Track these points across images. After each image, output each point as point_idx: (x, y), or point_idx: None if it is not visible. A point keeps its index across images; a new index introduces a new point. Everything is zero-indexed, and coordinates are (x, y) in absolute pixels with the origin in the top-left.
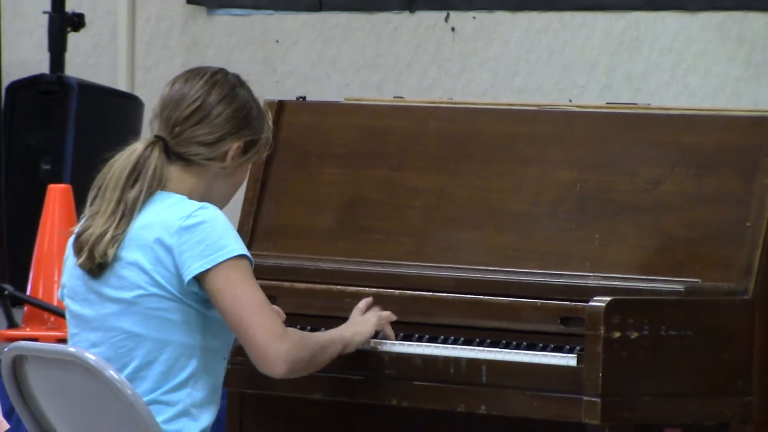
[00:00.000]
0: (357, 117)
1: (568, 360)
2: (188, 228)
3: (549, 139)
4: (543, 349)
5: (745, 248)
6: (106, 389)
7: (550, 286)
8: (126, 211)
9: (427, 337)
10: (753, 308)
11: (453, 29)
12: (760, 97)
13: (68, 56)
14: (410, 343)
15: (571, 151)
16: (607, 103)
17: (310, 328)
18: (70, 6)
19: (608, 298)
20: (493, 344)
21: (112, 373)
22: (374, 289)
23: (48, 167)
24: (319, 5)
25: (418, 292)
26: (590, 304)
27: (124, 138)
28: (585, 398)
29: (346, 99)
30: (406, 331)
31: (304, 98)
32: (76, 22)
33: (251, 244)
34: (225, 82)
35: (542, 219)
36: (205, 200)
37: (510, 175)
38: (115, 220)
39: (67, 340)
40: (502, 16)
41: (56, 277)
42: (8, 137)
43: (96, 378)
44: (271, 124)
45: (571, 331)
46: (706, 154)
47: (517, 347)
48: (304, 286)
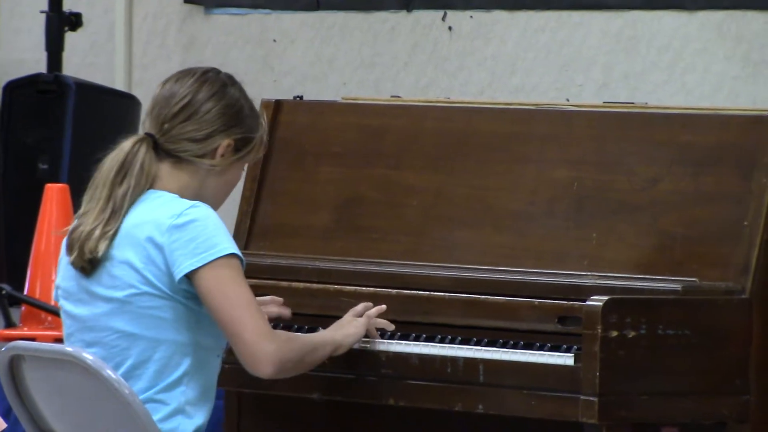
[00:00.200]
0: (354, 116)
1: (566, 359)
2: (179, 226)
3: (546, 138)
4: (540, 349)
5: (743, 247)
6: (104, 389)
7: (548, 286)
8: (115, 208)
9: (424, 336)
10: (750, 307)
11: (450, 28)
12: (758, 96)
13: (66, 55)
14: (407, 342)
15: (569, 150)
16: (604, 102)
17: (307, 327)
18: (68, 5)
19: (605, 297)
20: (491, 343)
21: (110, 372)
22: (371, 289)
23: (45, 166)
24: (316, 4)
25: (415, 292)
26: (587, 303)
27: (122, 137)
28: (582, 397)
29: (343, 98)
30: (403, 331)
31: (301, 97)
32: (74, 22)
33: (248, 243)
34: (215, 80)
35: (539, 218)
36: (197, 199)
37: (507, 174)
38: (105, 218)
39: (63, 341)
40: (499, 15)
41: (53, 277)
42: (5, 136)
43: (93, 377)
44: (265, 123)
45: (569, 331)
46: (704, 153)
47: (514, 346)
48: (302, 285)
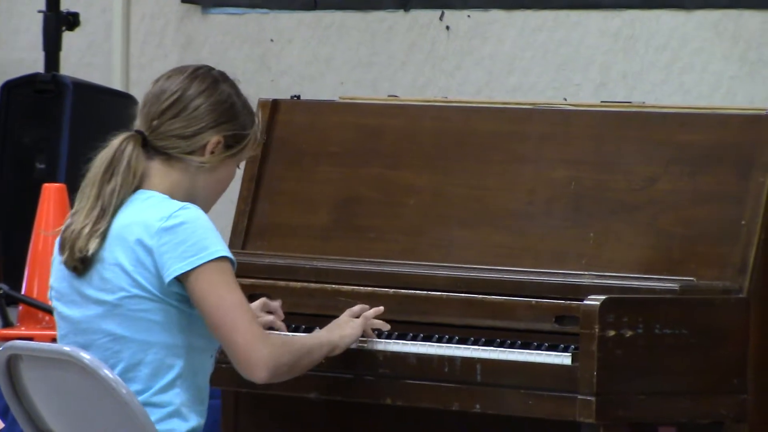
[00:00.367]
0: (352, 116)
1: (563, 359)
2: (168, 229)
3: (544, 137)
4: (538, 348)
5: (740, 246)
6: (101, 388)
7: (545, 285)
8: (104, 206)
9: (422, 335)
10: (748, 306)
11: (448, 28)
12: (756, 96)
13: (63, 55)
14: (405, 342)
15: (566, 149)
16: (602, 102)
17: (305, 327)
18: (65, 5)
19: (603, 297)
20: (488, 343)
21: (107, 372)
22: (369, 288)
23: (43, 166)
24: (313, 4)
25: (412, 291)
26: (585, 302)
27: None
28: (580, 397)
29: (340, 98)
30: (400, 330)
31: (298, 97)
32: (71, 21)
33: (246, 243)
34: (205, 77)
35: (537, 217)
36: (189, 197)
37: (505, 174)
38: (94, 216)
39: (57, 342)
40: (496, 15)
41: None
42: (3, 136)
43: (91, 377)
44: (258, 121)
45: (566, 330)
46: (702, 153)
47: (511, 346)
48: (299, 285)
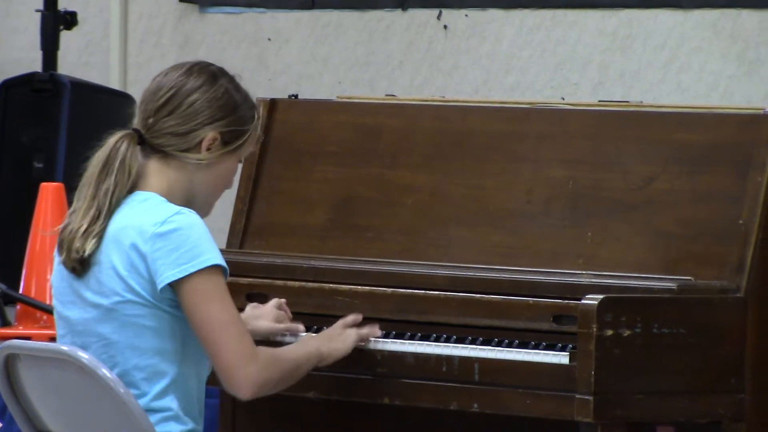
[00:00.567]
0: (349, 115)
1: (561, 358)
2: (162, 235)
3: (542, 136)
4: (535, 347)
5: (738, 246)
6: (99, 388)
7: (543, 284)
8: (100, 206)
9: (420, 335)
10: (746, 306)
11: (445, 27)
12: (753, 95)
13: (61, 54)
14: (402, 341)
15: (564, 148)
16: (599, 101)
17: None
18: (63, 4)
19: (601, 296)
20: (486, 342)
21: (105, 371)
22: (367, 288)
23: (41, 165)
24: (311, 3)
25: (410, 290)
26: (583, 302)
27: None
28: (577, 396)
29: (338, 97)
30: (398, 330)
31: (296, 96)
32: (69, 20)
33: (243, 242)
34: (201, 73)
35: (535, 217)
36: (188, 196)
37: (503, 173)
38: (90, 216)
39: (57, 341)
40: (494, 14)
41: (49, 276)
42: (1, 135)
43: (89, 377)
44: (257, 117)
45: (564, 329)
46: (699, 152)
47: (509, 345)
48: (297, 284)
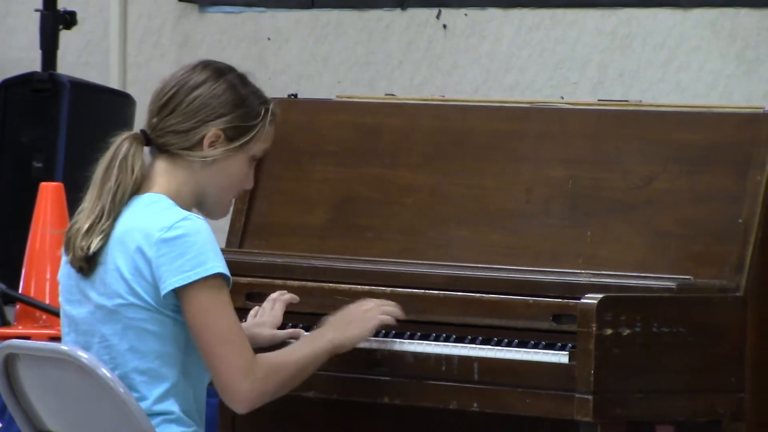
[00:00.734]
0: (349, 115)
1: (560, 357)
2: (168, 240)
3: (541, 136)
4: (535, 347)
5: (738, 245)
6: (99, 388)
7: (543, 284)
8: (104, 205)
9: (419, 334)
10: (745, 305)
11: (445, 26)
12: (753, 94)
13: (60, 54)
14: (402, 340)
15: (564, 148)
16: (599, 100)
17: (302, 325)
18: (62, 3)
19: (600, 296)
20: (486, 342)
21: (105, 371)
22: (366, 287)
23: (40, 165)
24: (310, 3)
25: (410, 290)
26: (582, 301)
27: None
28: (577, 395)
29: (337, 97)
30: (398, 329)
31: (295, 96)
32: (68, 20)
33: (243, 242)
34: (205, 70)
35: (534, 216)
36: (198, 196)
37: (502, 173)
38: (95, 215)
39: (62, 338)
40: (493, 13)
41: (48, 275)
42: (0, 135)
43: (89, 376)
44: (265, 113)
45: (563, 329)
46: (699, 151)
47: (509, 345)
48: (297, 283)
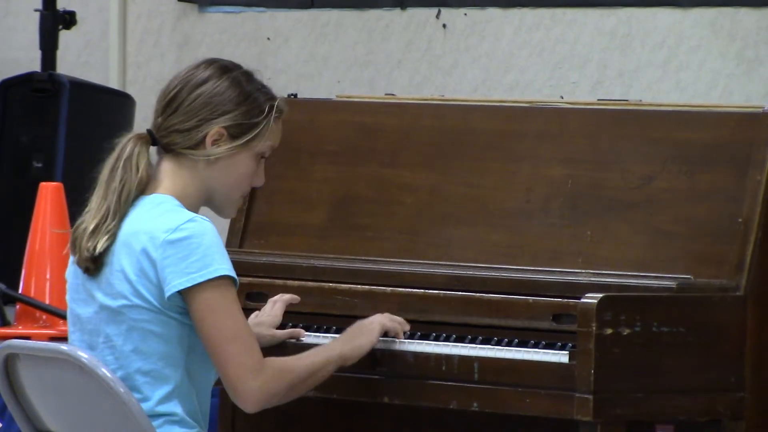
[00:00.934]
0: (348, 114)
1: (560, 357)
2: (173, 242)
3: (541, 135)
4: (535, 346)
5: (738, 244)
6: (99, 388)
7: (542, 283)
8: (109, 206)
9: (419, 334)
10: (745, 304)
11: (444, 26)
12: (752, 94)
13: (60, 54)
14: (402, 340)
15: (563, 147)
16: (598, 100)
17: (302, 325)
18: (62, 3)
19: (600, 295)
20: (486, 341)
21: (105, 371)
22: (366, 287)
23: (40, 165)
24: (310, 3)
25: (409, 290)
26: (582, 300)
27: (116, 136)
28: (577, 395)
29: (337, 96)
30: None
31: (295, 96)
32: (68, 20)
33: (243, 242)
34: (208, 69)
35: (534, 216)
36: (205, 196)
37: (502, 172)
38: (101, 215)
39: (68, 336)
40: (493, 13)
41: (48, 275)
42: (0, 135)
43: (89, 376)
44: (269, 110)
45: (563, 328)
46: (698, 151)
47: (509, 344)
48: (297, 283)
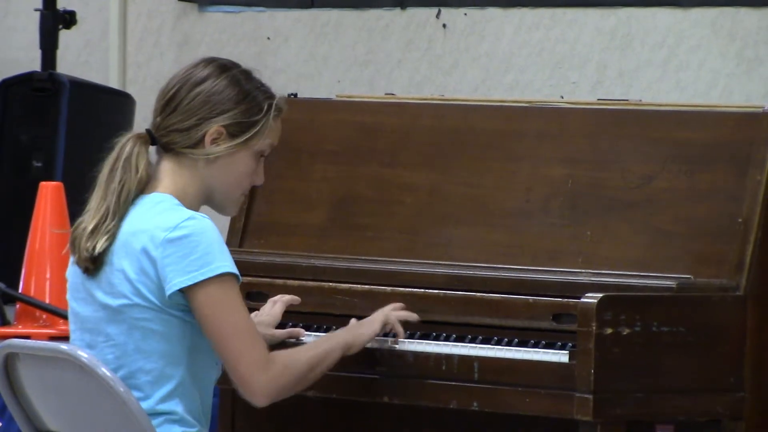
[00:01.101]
0: (348, 114)
1: (560, 356)
2: (173, 241)
3: (541, 135)
4: (535, 346)
5: (738, 244)
6: (99, 387)
7: (542, 283)
8: (109, 206)
9: (419, 334)
10: (745, 304)
11: (444, 26)
12: (752, 93)
13: (60, 53)
14: (402, 340)
15: (563, 147)
16: (598, 100)
17: (302, 325)
18: (62, 3)
19: (600, 295)
20: (485, 341)
21: (105, 371)
22: (366, 286)
23: (40, 164)
24: (310, 2)
25: (409, 289)
26: (582, 300)
27: (116, 135)
28: (577, 395)
29: (337, 96)
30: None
31: (295, 95)
32: (68, 20)
33: (243, 241)
34: (206, 68)
35: (534, 215)
36: (205, 195)
37: (502, 172)
38: (100, 215)
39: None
40: (493, 13)
41: (48, 275)
42: (0, 134)
43: (89, 376)
44: (268, 108)
45: (563, 328)
46: (698, 150)
47: (509, 344)
48: (297, 283)
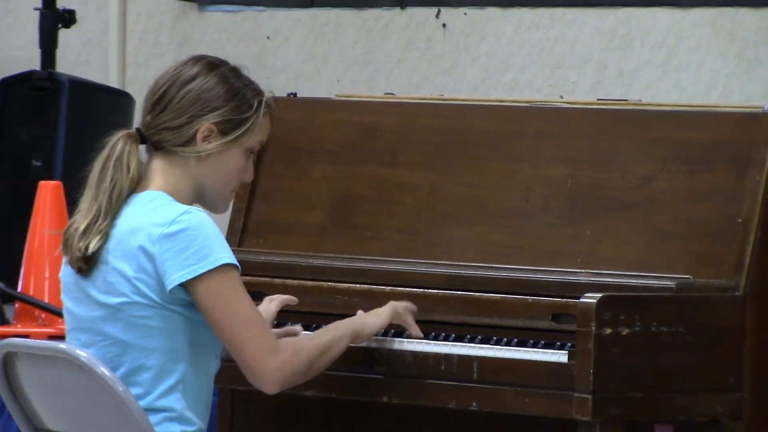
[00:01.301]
0: (348, 113)
1: (560, 356)
2: (170, 235)
3: (540, 135)
4: (534, 346)
5: (737, 244)
6: (98, 386)
7: (542, 283)
8: (101, 205)
9: None
10: (744, 304)
11: (444, 25)
12: (752, 93)
13: (59, 53)
14: (401, 339)
15: (563, 147)
16: (598, 100)
17: (301, 324)
18: (61, 2)
19: (599, 295)
20: (485, 341)
21: (104, 370)
22: (365, 286)
23: (39, 164)
24: (310, 2)
25: (409, 289)
26: (581, 300)
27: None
28: (576, 395)
29: (337, 95)
30: (397, 328)
31: (295, 95)
32: (67, 19)
33: (242, 241)
34: (196, 65)
35: (534, 215)
36: (198, 193)
37: (501, 172)
38: (92, 215)
39: (65, 334)
40: (492, 12)
41: (47, 274)
42: None
43: (87, 375)
44: (258, 106)
45: (563, 328)
46: (698, 151)
47: (508, 344)
48: (296, 282)
